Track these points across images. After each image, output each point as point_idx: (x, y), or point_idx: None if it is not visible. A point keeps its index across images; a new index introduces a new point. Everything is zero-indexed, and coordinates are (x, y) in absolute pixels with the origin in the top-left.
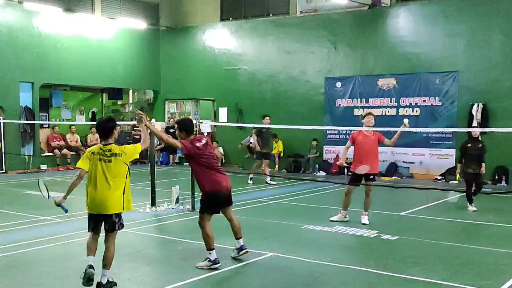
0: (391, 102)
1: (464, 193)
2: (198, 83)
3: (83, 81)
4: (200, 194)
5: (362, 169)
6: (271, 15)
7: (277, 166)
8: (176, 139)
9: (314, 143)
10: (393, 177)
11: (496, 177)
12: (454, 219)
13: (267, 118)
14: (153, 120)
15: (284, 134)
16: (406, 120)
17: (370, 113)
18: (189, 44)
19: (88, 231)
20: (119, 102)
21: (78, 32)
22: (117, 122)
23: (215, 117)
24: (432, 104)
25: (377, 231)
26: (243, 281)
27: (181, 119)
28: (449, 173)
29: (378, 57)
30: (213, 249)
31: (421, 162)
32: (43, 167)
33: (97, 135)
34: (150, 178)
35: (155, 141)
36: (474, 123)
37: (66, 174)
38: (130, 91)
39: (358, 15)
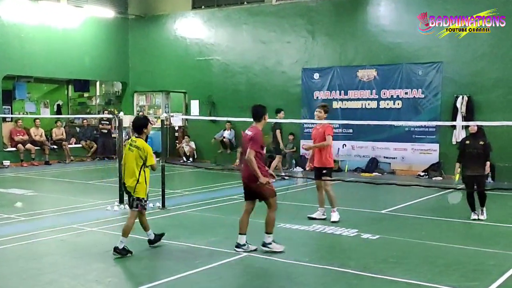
0: (371, 94)
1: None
2: (168, 75)
3: (48, 73)
4: (171, 191)
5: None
6: (245, 3)
7: None
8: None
9: (291, 137)
10: (374, 173)
11: None
12: (439, 218)
13: (282, 112)
14: (121, 113)
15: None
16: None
17: (320, 106)
18: (159, 33)
19: None
20: (85, 95)
21: (42, 21)
22: (85, 116)
23: (187, 110)
24: (414, 96)
25: (357, 230)
26: (216, 282)
27: None
28: (432, 169)
29: (358, 47)
30: (241, 234)
31: (403, 158)
32: (6, 162)
33: (62, 129)
34: (118, 174)
35: (123, 136)
36: (459, 117)
37: (30, 170)
38: (97, 83)
39: (337, 3)
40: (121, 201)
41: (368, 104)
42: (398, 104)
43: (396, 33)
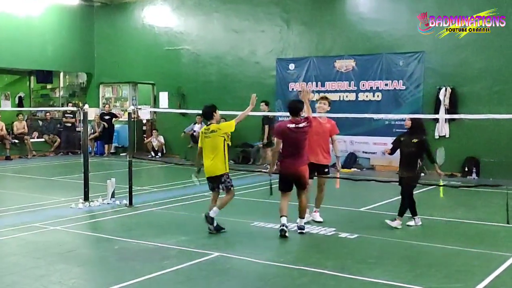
0: (349, 86)
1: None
2: (136, 65)
3: (9, 63)
4: (138, 188)
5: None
6: None
7: None
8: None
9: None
10: (352, 169)
11: (466, 169)
12: (420, 216)
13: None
14: (86, 106)
15: None
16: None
17: (324, 97)
18: (126, 22)
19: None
20: (48, 86)
21: (3, 8)
22: (48, 109)
23: (155, 103)
24: (395, 88)
25: (334, 229)
26: (185, 284)
27: None
28: None
29: (335, 36)
30: (282, 216)
31: (383, 153)
32: None
33: (24, 123)
34: (83, 170)
35: (88, 129)
36: (441, 109)
37: None
38: (61, 74)
39: None
40: (86, 198)
41: (346, 96)
42: (377, 96)
43: (376, 22)
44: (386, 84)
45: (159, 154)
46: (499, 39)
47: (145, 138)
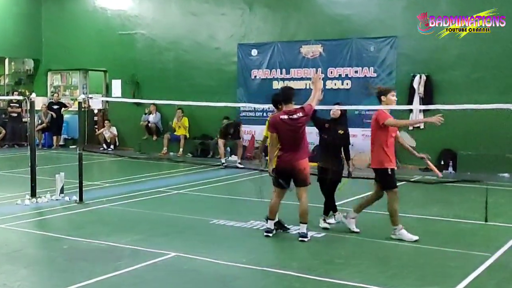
0: (316, 73)
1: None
2: (87, 51)
3: None
4: (89, 183)
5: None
6: None
7: (181, 149)
8: None
9: (225, 122)
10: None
11: (442, 163)
12: None
13: None
14: (33, 95)
15: (189, 112)
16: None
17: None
18: (76, 4)
19: None
20: None
21: None
22: None
23: (108, 92)
24: (365, 75)
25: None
26: (140, 286)
27: None
28: None
29: (301, 19)
30: (270, 219)
31: (352, 145)
32: None
33: None
34: (29, 164)
35: (35, 120)
36: (416, 99)
37: None
38: (6, 60)
39: None
40: (33, 194)
41: (313, 84)
42: (347, 84)
43: (345, 4)
44: (356, 71)
45: (112, 146)
46: None
47: (97, 129)
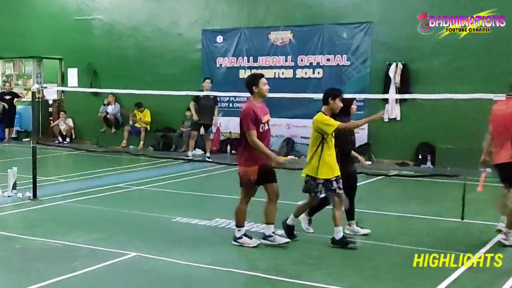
0: (286, 61)
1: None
2: (41, 38)
3: None
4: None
5: None
6: None
7: (141, 142)
8: None
9: (189, 113)
10: (289, 157)
11: (420, 157)
12: (367, 210)
13: (208, 81)
14: None
15: (151, 103)
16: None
17: None
18: None
19: None
20: None
21: None
22: None
23: (63, 81)
24: (338, 63)
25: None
26: (98, 287)
27: None
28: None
29: (269, 4)
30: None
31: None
32: None
33: None
34: None
35: None
36: (392, 88)
37: None
38: None
39: None
40: None
41: (282, 73)
42: (318, 73)
43: None
44: (328, 60)
45: (68, 139)
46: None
47: (51, 121)
